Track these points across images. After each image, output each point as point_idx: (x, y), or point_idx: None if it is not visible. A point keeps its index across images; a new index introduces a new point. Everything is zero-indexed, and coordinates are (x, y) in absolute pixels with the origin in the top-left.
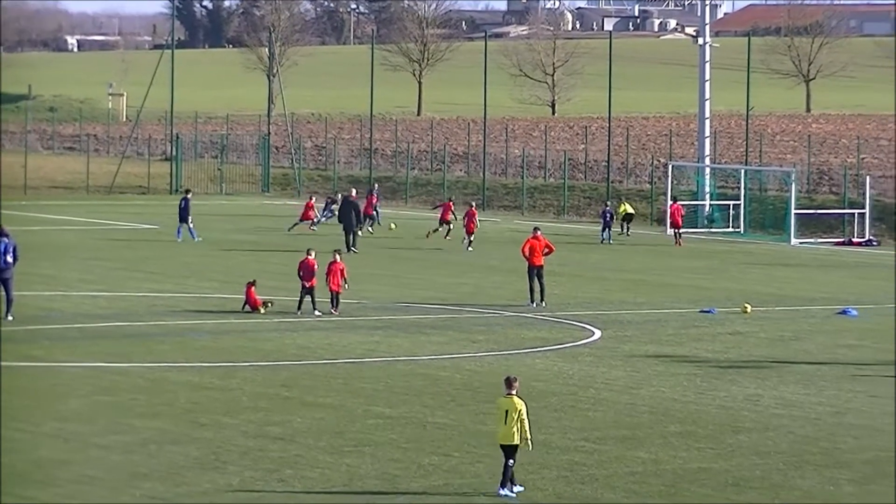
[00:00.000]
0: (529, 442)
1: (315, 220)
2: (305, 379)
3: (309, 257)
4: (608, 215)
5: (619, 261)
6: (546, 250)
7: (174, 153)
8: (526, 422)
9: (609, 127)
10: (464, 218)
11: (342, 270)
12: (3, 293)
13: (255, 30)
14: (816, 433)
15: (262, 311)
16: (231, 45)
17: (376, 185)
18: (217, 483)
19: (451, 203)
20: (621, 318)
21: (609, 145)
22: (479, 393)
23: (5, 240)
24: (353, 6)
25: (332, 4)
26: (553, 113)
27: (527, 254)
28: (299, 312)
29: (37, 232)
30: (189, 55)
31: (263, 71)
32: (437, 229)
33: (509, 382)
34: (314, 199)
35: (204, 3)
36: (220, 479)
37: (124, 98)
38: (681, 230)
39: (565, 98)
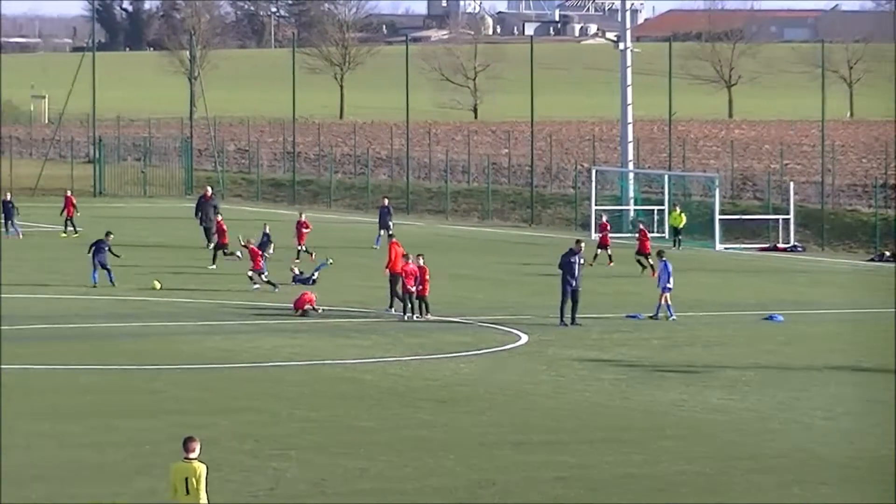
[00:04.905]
0: None
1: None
2: (229, 382)
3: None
4: None
5: (542, 266)
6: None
7: (97, 156)
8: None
9: (532, 131)
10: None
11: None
12: None
13: (175, 32)
14: (741, 438)
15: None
16: (152, 48)
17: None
18: (135, 487)
19: (606, 224)
20: (546, 322)
21: (532, 150)
22: (404, 397)
23: None
24: (274, 10)
25: (252, 7)
26: (475, 117)
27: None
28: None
29: None
30: (110, 58)
31: (185, 74)
32: (597, 255)
33: (188, 445)
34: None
35: (124, 6)
36: (143, 482)
37: (46, 100)
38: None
39: (487, 102)
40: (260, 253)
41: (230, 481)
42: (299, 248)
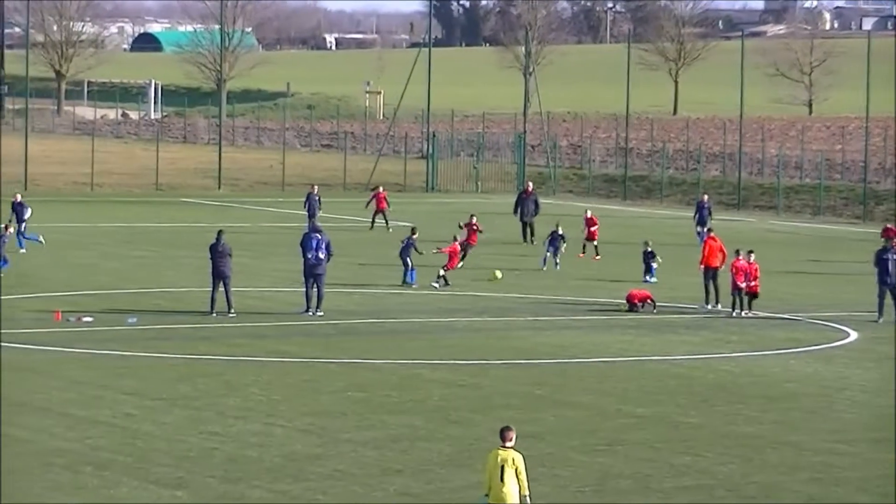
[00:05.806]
0: (528, 498)
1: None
2: (557, 377)
3: None
4: None
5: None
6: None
7: (430, 151)
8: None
9: (867, 127)
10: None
11: None
12: (315, 289)
13: (511, 28)
14: None
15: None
16: (487, 44)
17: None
18: (469, 480)
19: None
20: (876, 318)
21: (866, 146)
22: (732, 393)
23: (317, 236)
24: (610, 5)
25: (589, 3)
26: (810, 113)
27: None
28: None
29: (295, 228)
30: (445, 53)
31: (519, 69)
32: None
33: (504, 434)
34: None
35: (461, 2)
36: (472, 476)
37: (381, 96)
38: None
39: (822, 98)
40: (458, 253)
41: (557, 476)
42: (586, 242)
